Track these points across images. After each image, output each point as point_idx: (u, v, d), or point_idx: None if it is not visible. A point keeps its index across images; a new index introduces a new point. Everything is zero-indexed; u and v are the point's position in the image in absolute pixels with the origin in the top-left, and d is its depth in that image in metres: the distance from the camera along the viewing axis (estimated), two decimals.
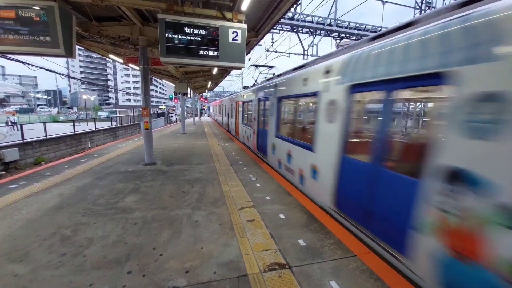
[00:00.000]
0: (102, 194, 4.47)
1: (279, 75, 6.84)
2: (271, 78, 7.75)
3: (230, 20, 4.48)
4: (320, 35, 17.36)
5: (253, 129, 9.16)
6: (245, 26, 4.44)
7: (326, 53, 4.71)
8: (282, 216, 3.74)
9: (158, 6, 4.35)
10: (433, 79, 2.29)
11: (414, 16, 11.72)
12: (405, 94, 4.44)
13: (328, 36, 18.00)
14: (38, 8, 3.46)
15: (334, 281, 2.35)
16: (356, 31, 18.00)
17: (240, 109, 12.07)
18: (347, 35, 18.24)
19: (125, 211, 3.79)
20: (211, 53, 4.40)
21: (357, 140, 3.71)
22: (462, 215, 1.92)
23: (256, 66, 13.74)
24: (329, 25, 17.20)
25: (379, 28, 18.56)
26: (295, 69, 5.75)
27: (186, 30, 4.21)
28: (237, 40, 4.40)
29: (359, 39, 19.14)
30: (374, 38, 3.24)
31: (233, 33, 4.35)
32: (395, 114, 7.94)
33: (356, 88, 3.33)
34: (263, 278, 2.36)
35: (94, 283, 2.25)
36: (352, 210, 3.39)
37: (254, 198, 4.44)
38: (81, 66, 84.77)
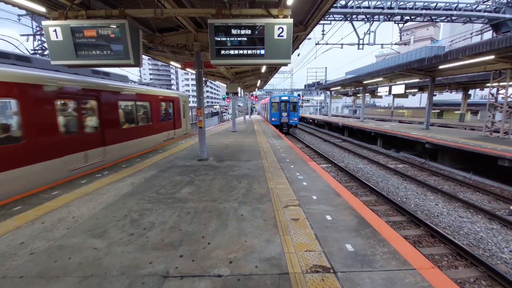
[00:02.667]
0: (163, 185, 5.07)
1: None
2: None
3: (275, 17, 4.44)
4: (379, 20, 15.63)
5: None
6: (290, 20, 4.33)
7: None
8: (329, 217, 3.55)
9: (208, 12, 4.64)
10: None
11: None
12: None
13: (389, 20, 16.05)
14: (114, 26, 4.14)
15: None
16: (424, 11, 15.52)
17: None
18: (412, 17, 15.92)
19: (181, 201, 4.22)
20: (257, 51, 4.45)
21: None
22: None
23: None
24: (390, 8, 15.31)
25: (455, 4, 15.59)
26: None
27: (233, 31, 4.36)
28: (282, 36, 4.33)
29: (428, 20, 16.47)
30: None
31: (278, 29, 4.29)
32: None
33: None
34: (305, 279, 2.29)
35: (153, 261, 2.58)
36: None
37: (300, 197, 4.34)
38: (150, 74, 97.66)
